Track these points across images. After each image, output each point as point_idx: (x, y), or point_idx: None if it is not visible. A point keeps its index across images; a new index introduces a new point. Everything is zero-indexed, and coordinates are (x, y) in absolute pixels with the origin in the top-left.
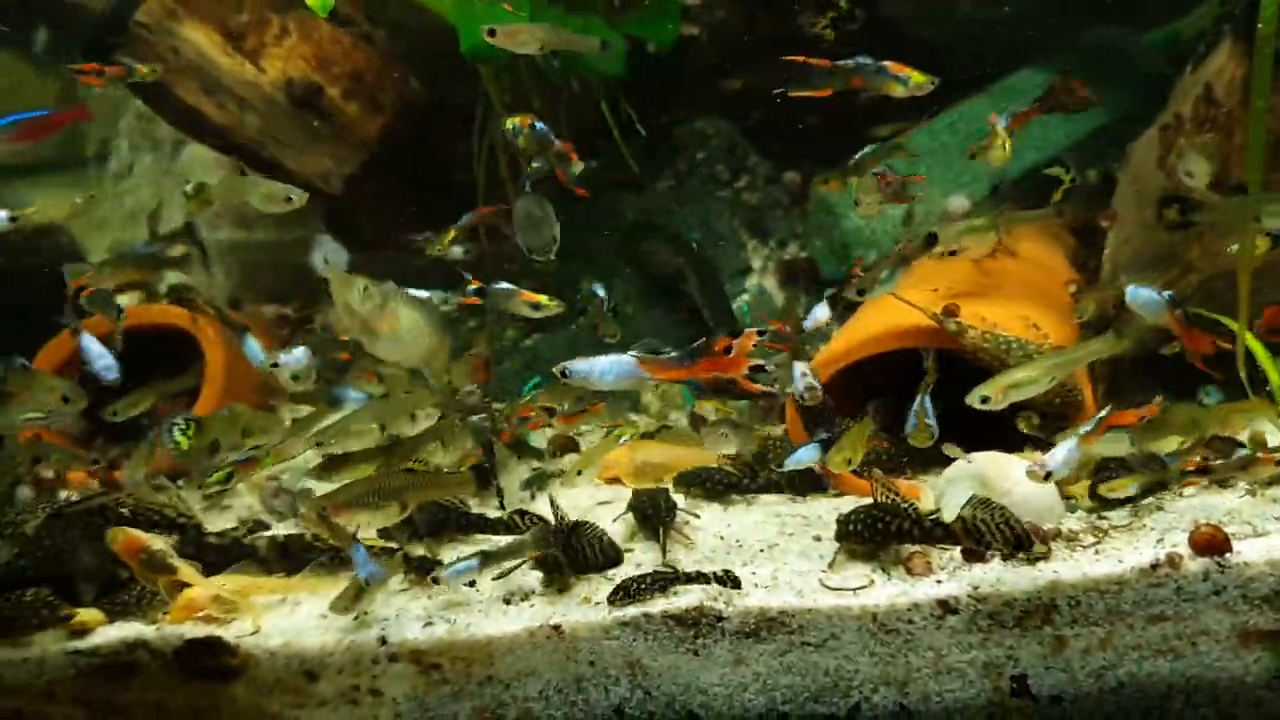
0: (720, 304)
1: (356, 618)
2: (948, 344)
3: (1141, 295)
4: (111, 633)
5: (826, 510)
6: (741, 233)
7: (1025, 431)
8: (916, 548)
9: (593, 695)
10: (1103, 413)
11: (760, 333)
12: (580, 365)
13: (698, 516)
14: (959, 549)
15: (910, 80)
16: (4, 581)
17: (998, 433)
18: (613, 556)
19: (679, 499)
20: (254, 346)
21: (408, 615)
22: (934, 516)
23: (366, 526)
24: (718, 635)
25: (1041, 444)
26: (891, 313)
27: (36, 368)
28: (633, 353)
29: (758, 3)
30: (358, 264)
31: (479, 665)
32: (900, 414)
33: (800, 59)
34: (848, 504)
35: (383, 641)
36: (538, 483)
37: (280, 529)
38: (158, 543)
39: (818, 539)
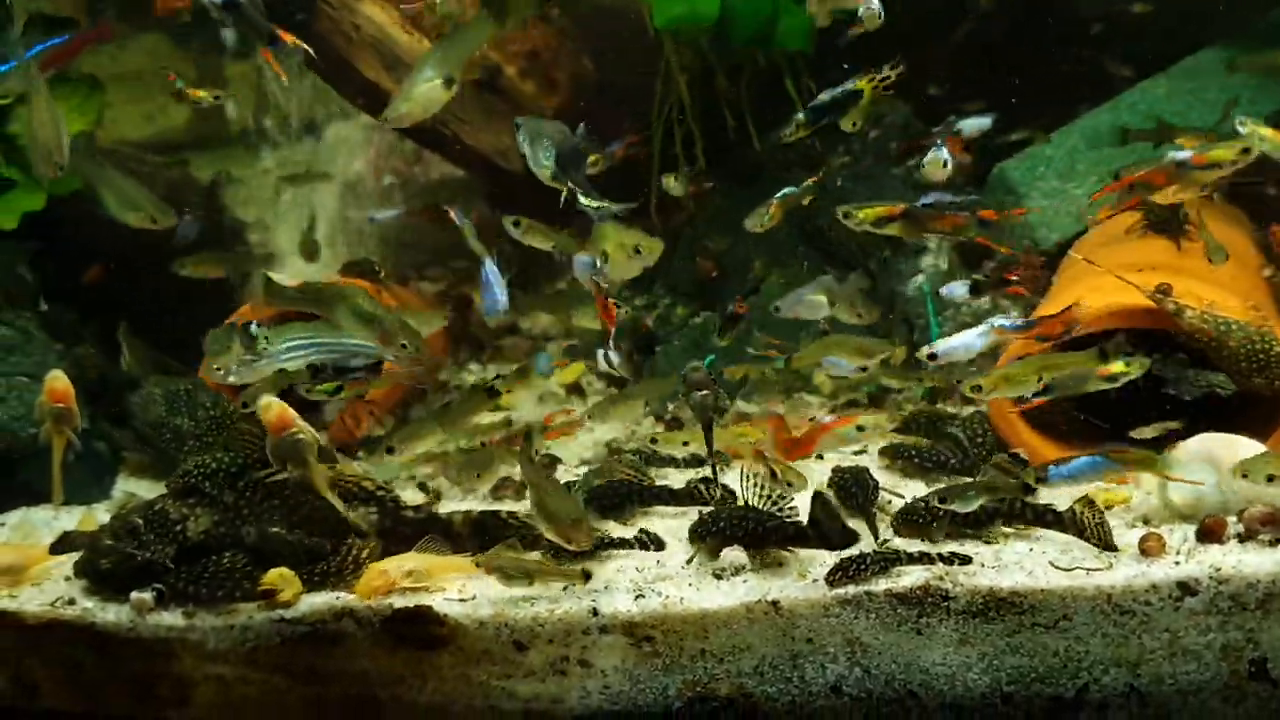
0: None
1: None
2: (1165, 324)
3: None
4: (318, 601)
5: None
6: None
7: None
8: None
9: (809, 672)
10: None
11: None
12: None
13: (901, 496)
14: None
15: None
16: (203, 548)
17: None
18: None
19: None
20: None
21: (617, 587)
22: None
23: None
24: (943, 614)
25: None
26: (1105, 291)
27: None
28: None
29: None
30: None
31: (692, 639)
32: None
33: None
34: None
35: (594, 613)
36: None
37: (468, 502)
38: (308, 433)
39: None
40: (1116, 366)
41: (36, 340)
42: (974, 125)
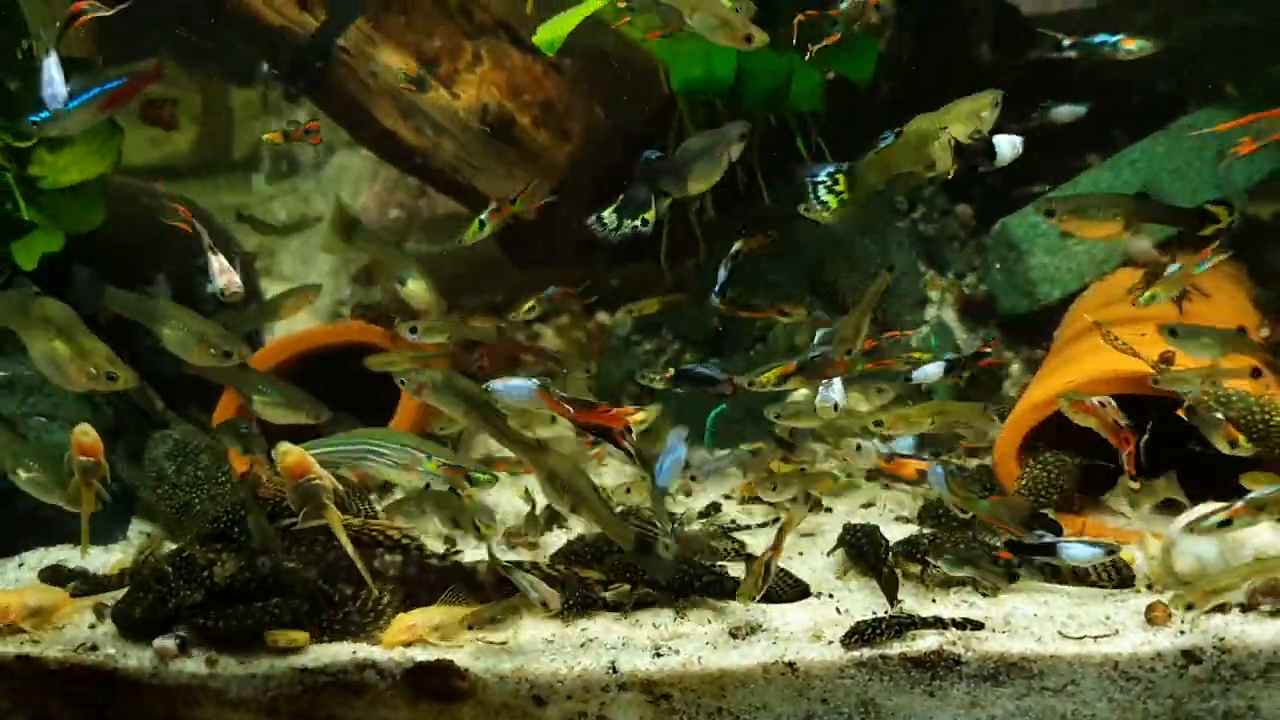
0: None
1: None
2: (1165, 392)
3: None
4: (341, 652)
5: None
6: (920, 264)
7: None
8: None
9: None
10: None
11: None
12: (498, 384)
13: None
14: None
15: None
16: (230, 591)
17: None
18: None
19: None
20: None
21: (634, 644)
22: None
23: None
24: (955, 678)
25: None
26: (1107, 357)
27: None
28: (535, 382)
29: (928, 33)
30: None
31: (709, 697)
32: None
33: None
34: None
35: (613, 669)
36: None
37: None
38: (326, 479)
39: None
40: None
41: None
42: (1068, 112)
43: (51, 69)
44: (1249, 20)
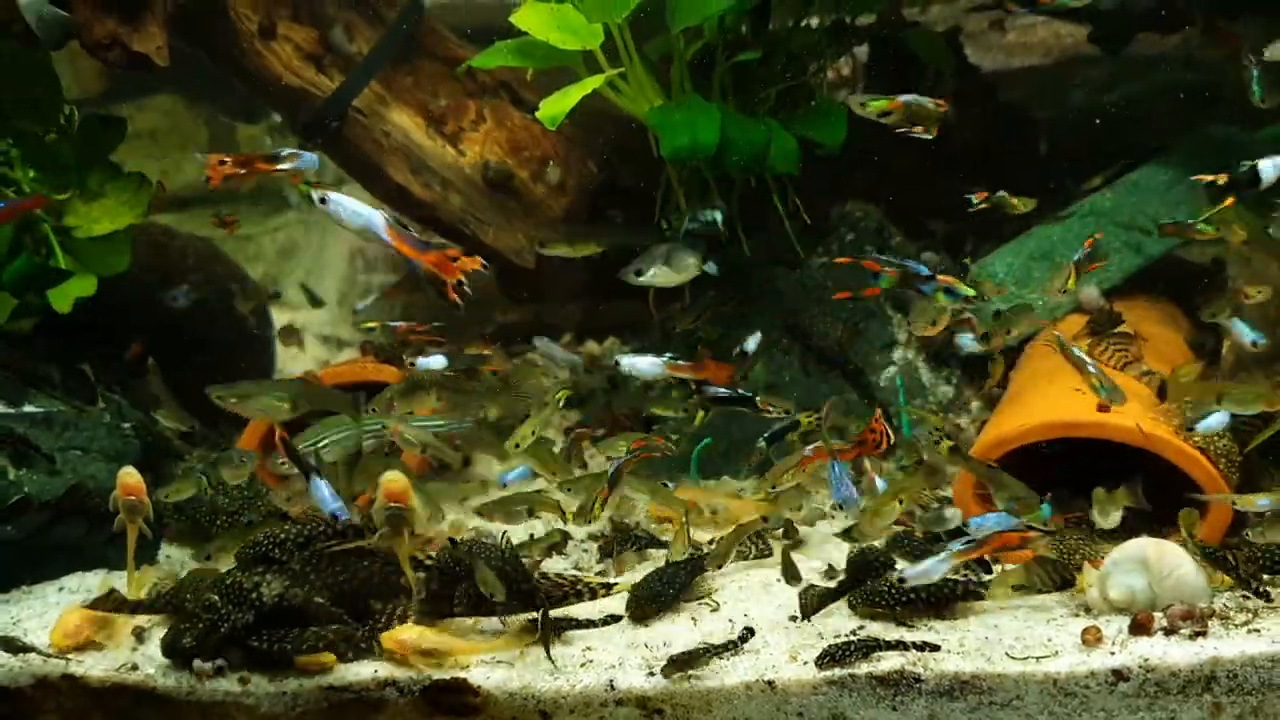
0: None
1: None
2: (1103, 435)
3: None
4: (364, 671)
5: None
6: (887, 308)
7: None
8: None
9: None
10: None
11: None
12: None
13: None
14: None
15: None
16: (279, 610)
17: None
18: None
19: None
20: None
21: (629, 663)
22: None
23: None
24: (915, 694)
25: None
26: (1064, 404)
27: None
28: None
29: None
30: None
31: (698, 712)
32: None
33: None
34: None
35: (611, 687)
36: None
37: None
38: (421, 510)
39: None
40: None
41: (87, 419)
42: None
43: None
44: (1192, 79)
